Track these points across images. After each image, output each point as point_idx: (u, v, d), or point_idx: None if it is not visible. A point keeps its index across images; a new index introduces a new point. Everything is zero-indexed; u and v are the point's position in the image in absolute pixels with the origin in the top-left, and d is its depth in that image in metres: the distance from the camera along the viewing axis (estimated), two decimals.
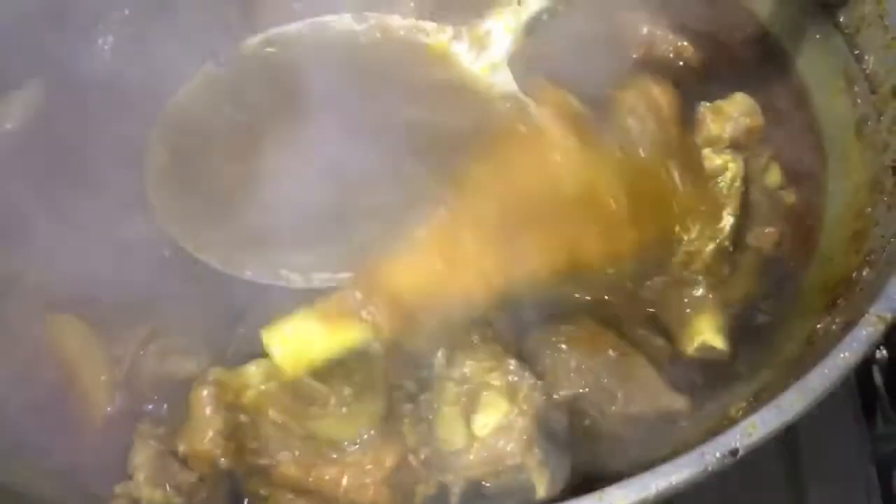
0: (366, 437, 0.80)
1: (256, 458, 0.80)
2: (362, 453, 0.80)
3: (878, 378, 1.19)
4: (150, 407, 0.89)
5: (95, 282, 0.93)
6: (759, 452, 0.72)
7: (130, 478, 0.83)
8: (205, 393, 0.79)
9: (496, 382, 0.81)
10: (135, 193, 0.96)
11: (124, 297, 0.92)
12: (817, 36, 1.11)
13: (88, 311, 0.94)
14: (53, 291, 0.94)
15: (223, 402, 0.79)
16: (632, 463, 0.77)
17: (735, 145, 0.93)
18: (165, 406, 0.89)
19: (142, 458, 0.83)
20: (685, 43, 1.14)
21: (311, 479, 0.79)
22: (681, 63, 1.14)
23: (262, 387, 0.80)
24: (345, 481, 0.79)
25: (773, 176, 1.00)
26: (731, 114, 0.94)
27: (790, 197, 1.01)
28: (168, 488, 0.82)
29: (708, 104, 0.96)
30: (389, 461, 0.80)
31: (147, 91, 1.03)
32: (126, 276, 0.92)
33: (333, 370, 0.80)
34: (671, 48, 1.15)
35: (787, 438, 1.12)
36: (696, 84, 1.09)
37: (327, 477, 0.79)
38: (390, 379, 0.83)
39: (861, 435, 1.13)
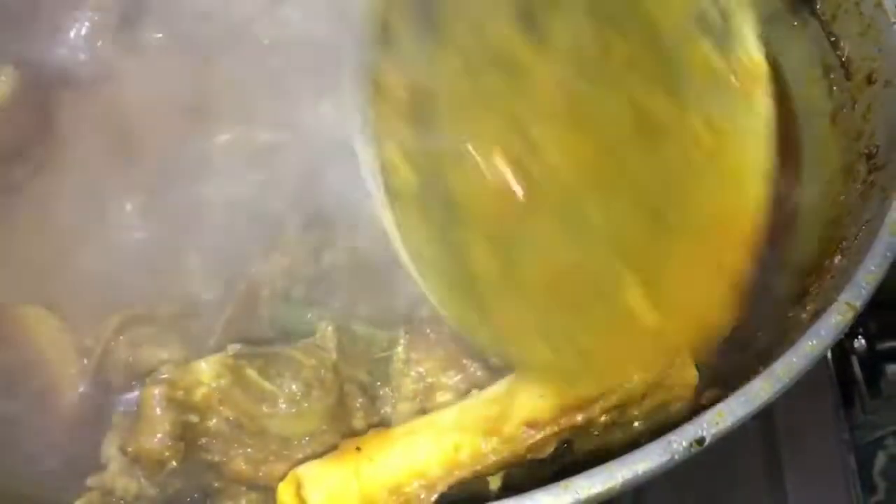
0: (317, 433, 0.79)
1: (207, 454, 0.80)
2: (312, 450, 0.79)
3: (856, 367, 1.20)
4: (125, 397, 0.89)
5: (68, 272, 0.92)
6: (736, 442, 0.72)
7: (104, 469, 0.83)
8: (156, 392, 0.78)
9: (450, 382, 0.81)
10: (108, 179, 0.95)
11: (97, 287, 0.92)
12: (794, 23, 1.11)
13: (60, 302, 0.93)
14: (24, 283, 0.94)
15: (174, 401, 0.78)
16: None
17: None
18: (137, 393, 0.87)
19: (115, 448, 0.82)
20: None
21: (261, 475, 0.79)
22: None
23: (213, 384, 0.79)
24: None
25: None
26: None
27: None
28: (142, 479, 0.82)
29: None
30: None
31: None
32: (98, 264, 0.91)
33: (280, 367, 0.80)
34: None
35: (766, 428, 1.12)
36: None
37: (278, 473, 0.78)
38: (342, 373, 0.82)
39: (840, 424, 1.13)
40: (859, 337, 1.19)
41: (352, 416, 0.81)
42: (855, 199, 0.92)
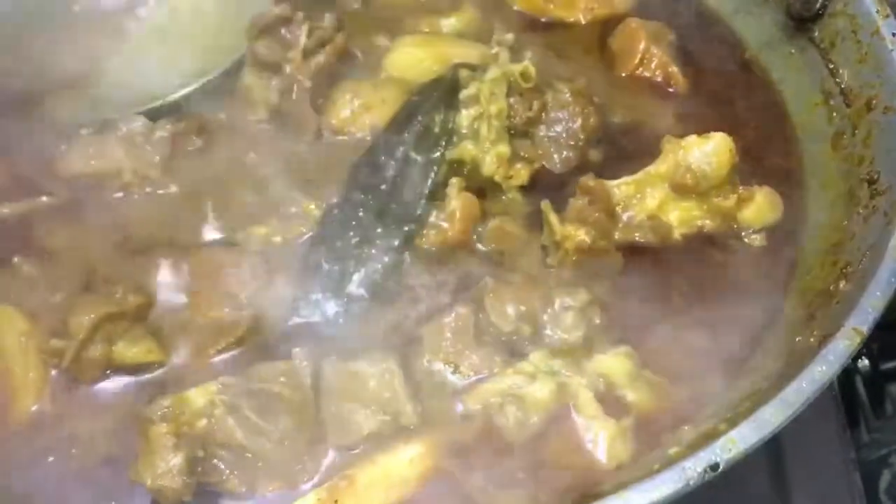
0: (298, 455, 0.86)
1: (207, 476, 0.85)
2: (294, 468, 0.85)
3: (860, 387, 1.21)
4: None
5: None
6: (744, 462, 0.74)
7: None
8: (165, 431, 0.83)
9: None
10: None
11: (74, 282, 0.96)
12: (793, 51, 1.13)
13: (31, 295, 0.96)
14: None
15: (182, 436, 0.83)
16: None
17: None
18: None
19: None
20: (675, 69, 1.15)
21: (252, 490, 0.85)
22: (668, 88, 1.15)
23: (210, 415, 0.85)
24: (285, 491, 0.85)
25: (749, 214, 1.00)
26: (689, 158, 0.97)
27: (758, 241, 1.01)
28: None
29: (670, 142, 0.98)
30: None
31: None
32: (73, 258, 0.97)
33: (274, 407, 0.86)
34: (661, 73, 1.15)
35: (773, 448, 1.12)
36: (676, 110, 1.12)
37: (266, 488, 0.85)
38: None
39: (845, 443, 1.14)
40: (863, 358, 1.20)
41: (325, 438, 0.87)
42: (858, 224, 0.93)
